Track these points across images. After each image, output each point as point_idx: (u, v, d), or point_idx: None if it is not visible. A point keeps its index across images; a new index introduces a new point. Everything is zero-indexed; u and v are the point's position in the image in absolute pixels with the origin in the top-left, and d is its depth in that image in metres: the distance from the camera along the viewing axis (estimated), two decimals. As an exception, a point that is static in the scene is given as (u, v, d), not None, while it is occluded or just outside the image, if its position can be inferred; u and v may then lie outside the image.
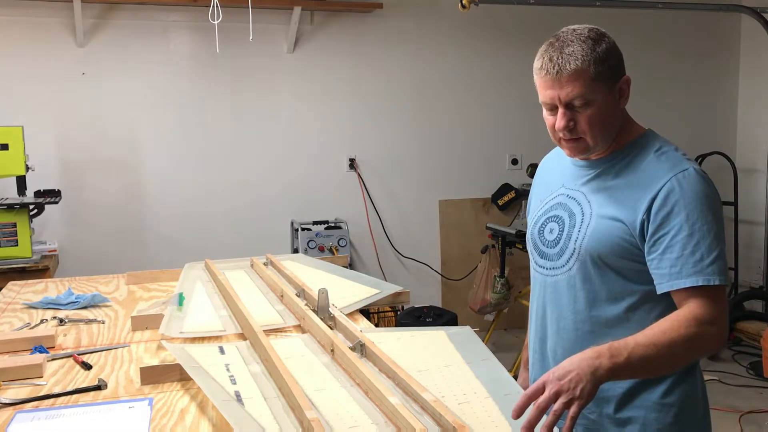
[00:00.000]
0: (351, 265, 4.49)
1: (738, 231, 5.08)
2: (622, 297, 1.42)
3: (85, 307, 2.16)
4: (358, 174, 4.71)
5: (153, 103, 4.31)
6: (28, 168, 3.52)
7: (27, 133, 3.55)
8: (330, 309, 1.81)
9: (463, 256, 4.93)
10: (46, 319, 2.04)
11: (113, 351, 1.76)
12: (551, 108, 1.41)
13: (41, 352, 1.71)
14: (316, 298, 1.82)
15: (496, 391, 1.36)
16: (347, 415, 1.27)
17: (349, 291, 2.14)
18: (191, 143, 4.41)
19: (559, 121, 1.40)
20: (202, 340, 1.77)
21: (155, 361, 1.66)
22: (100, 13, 4.17)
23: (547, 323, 1.54)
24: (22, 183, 3.57)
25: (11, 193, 3.68)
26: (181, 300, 2.03)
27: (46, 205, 3.62)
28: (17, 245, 3.46)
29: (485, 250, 4.44)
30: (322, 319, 1.78)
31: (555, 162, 1.63)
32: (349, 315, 1.88)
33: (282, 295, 2.08)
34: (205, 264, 2.53)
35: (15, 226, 3.46)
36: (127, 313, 2.08)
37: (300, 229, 4.38)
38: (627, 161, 1.44)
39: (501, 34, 4.88)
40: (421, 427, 1.14)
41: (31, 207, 3.53)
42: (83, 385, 1.53)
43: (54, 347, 1.78)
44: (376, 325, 3.52)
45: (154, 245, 4.37)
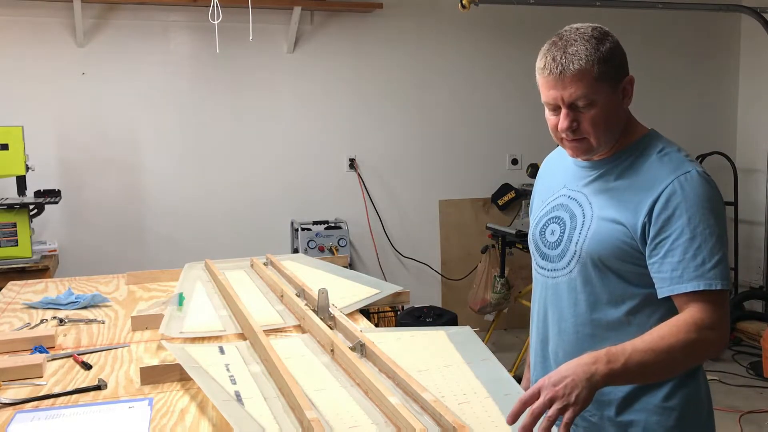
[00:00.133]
0: (351, 265, 4.48)
1: (738, 231, 5.08)
2: (623, 300, 1.41)
3: (85, 307, 2.16)
4: (358, 174, 4.71)
5: (153, 103, 4.31)
6: (28, 168, 3.52)
7: (27, 133, 3.55)
8: (330, 309, 1.81)
9: (463, 256, 4.93)
10: (46, 319, 2.04)
11: (113, 351, 1.76)
12: (554, 108, 1.39)
13: (41, 352, 1.71)
14: (316, 298, 1.82)
15: (496, 391, 1.36)
16: (347, 415, 1.27)
17: (349, 291, 2.14)
18: (191, 143, 4.41)
19: (562, 121, 1.38)
20: (202, 340, 1.77)
21: (155, 361, 1.66)
22: (100, 13, 4.17)
23: (548, 325, 1.53)
24: (22, 183, 3.57)
25: (11, 193, 3.68)
26: (181, 300, 2.03)
27: (46, 205, 3.62)
28: (17, 245, 3.47)
29: (485, 250, 4.44)
30: (322, 319, 1.78)
31: (557, 162, 1.60)
32: (349, 315, 1.88)
33: (282, 295, 2.08)
34: (205, 264, 2.53)
35: (15, 226, 3.46)
36: (127, 313, 2.08)
37: (300, 229, 4.38)
38: (629, 162, 1.42)
39: (501, 34, 4.88)
40: (421, 427, 1.14)
41: (31, 207, 3.53)
42: (83, 385, 1.53)
43: (54, 347, 1.78)
44: (376, 325, 3.52)
45: (154, 245, 4.37)
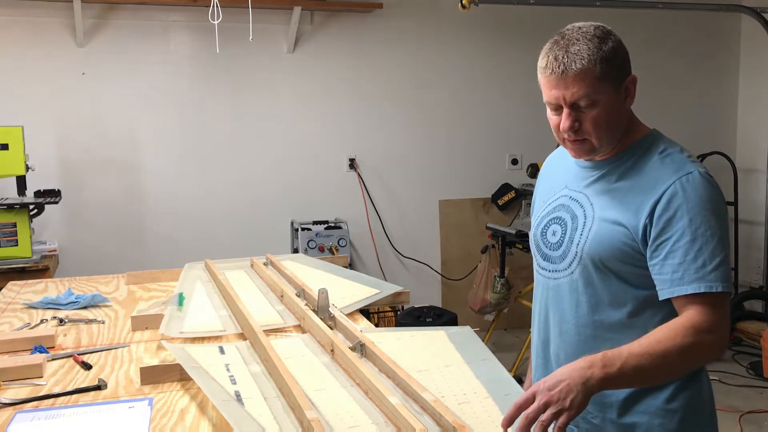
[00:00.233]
0: (351, 265, 4.48)
1: (738, 231, 5.08)
2: (625, 302, 1.39)
3: (85, 307, 2.16)
4: (358, 174, 4.71)
5: (153, 103, 4.31)
6: (28, 168, 3.52)
7: (27, 133, 3.54)
8: (330, 309, 1.81)
9: (463, 256, 4.92)
10: (46, 319, 2.04)
11: (113, 351, 1.76)
12: (556, 108, 1.37)
13: (41, 352, 1.71)
14: (316, 298, 1.82)
15: (496, 391, 1.37)
16: (347, 415, 1.27)
17: (349, 291, 2.14)
18: (191, 143, 4.41)
19: (563, 121, 1.36)
20: (202, 340, 1.77)
21: (155, 361, 1.66)
22: (100, 13, 4.17)
23: (549, 327, 1.51)
24: (22, 183, 3.56)
25: (11, 193, 3.68)
26: (181, 300, 2.03)
27: (46, 205, 3.62)
28: (17, 245, 3.46)
29: (485, 250, 4.44)
30: (322, 319, 1.78)
31: (559, 161, 1.59)
32: (349, 315, 1.88)
33: (282, 295, 2.08)
34: (205, 264, 2.53)
35: (15, 226, 3.46)
36: (127, 313, 2.08)
37: (300, 229, 4.38)
38: (631, 163, 1.41)
39: (501, 34, 4.88)
40: (421, 427, 1.14)
41: (31, 207, 3.53)
42: (83, 385, 1.53)
43: (54, 347, 1.79)
44: (376, 325, 3.52)
45: (154, 245, 4.36)
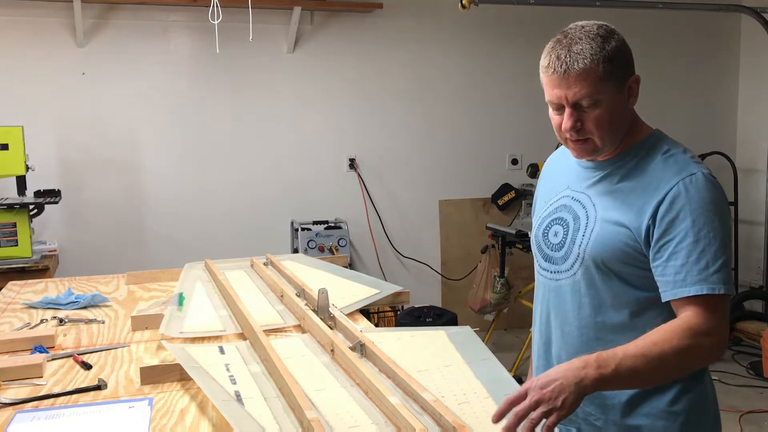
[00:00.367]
0: (351, 265, 4.48)
1: (738, 231, 5.08)
2: (627, 303, 1.38)
3: (85, 307, 2.16)
4: (358, 174, 4.71)
5: (153, 103, 4.31)
6: (28, 168, 3.52)
7: (27, 133, 3.54)
8: (330, 309, 1.81)
9: (463, 256, 4.92)
10: (46, 319, 2.04)
11: (113, 351, 1.76)
12: (558, 107, 1.37)
13: (41, 352, 1.71)
14: (316, 298, 1.82)
15: (496, 391, 1.36)
16: (347, 415, 1.27)
17: (349, 291, 2.14)
18: (191, 143, 4.41)
19: (565, 121, 1.35)
20: (202, 340, 1.77)
21: (155, 361, 1.66)
22: (100, 13, 4.17)
23: (551, 328, 1.51)
24: (22, 183, 3.57)
25: (11, 193, 3.68)
26: (181, 300, 2.03)
27: (46, 205, 3.62)
28: (17, 245, 3.46)
29: (485, 250, 4.44)
30: (322, 319, 1.78)
31: (560, 161, 1.58)
32: (349, 315, 1.88)
33: (282, 295, 2.08)
34: (205, 264, 2.53)
35: (15, 226, 3.46)
36: (127, 313, 2.08)
37: (300, 229, 4.38)
38: (634, 163, 1.40)
39: (501, 34, 4.88)
40: (421, 427, 1.14)
41: (31, 207, 3.53)
42: (83, 385, 1.53)
43: (54, 347, 1.78)
44: (376, 325, 3.52)
45: (154, 245, 4.36)
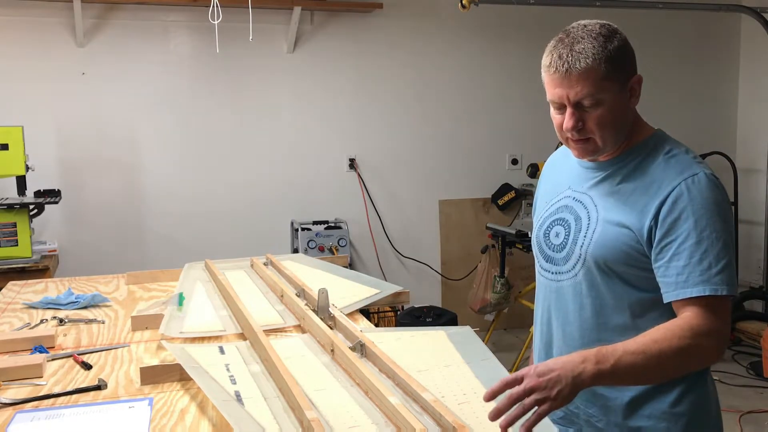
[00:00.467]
0: (351, 265, 4.48)
1: (738, 231, 5.08)
2: (630, 304, 1.38)
3: (85, 307, 2.16)
4: (358, 174, 4.71)
5: (153, 103, 4.31)
6: (28, 168, 3.52)
7: (27, 133, 3.54)
8: (330, 309, 1.81)
9: (463, 256, 4.92)
10: (46, 319, 2.04)
11: (113, 351, 1.76)
12: (559, 107, 1.36)
13: (41, 352, 1.71)
14: (316, 298, 1.82)
15: (496, 391, 1.36)
16: (347, 415, 1.27)
17: (349, 291, 2.14)
18: (191, 143, 4.41)
19: (567, 121, 1.35)
20: (202, 340, 1.77)
21: (155, 361, 1.66)
22: (100, 13, 4.17)
23: (552, 329, 1.50)
24: (22, 183, 3.57)
25: (11, 193, 3.68)
26: (181, 300, 2.03)
27: (46, 205, 3.62)
28: (17, 245, 3.46)
29: (485, 250, 4.44)
30: (322, 319, 1.78)
31: (561, 161, 1.57)
32: (349, 315, 1.88)
33: (282, 295, 2.08)
34: (205, 264, 2.53)
35: (15, 226, 3.46)
36: (127, 313, 2.08)
37: (300, 229, 4.38)
38: (636, 164, 1.39)
39: (501, 34, 4.88)
40: (421, 427, 1.14)
41: (31, 207, 3.53)
42: (83, 385, 1.53)
43: (54, 347, 1.78)
44: (376, 325, 3.52)
45: (154, 245, 4.36)
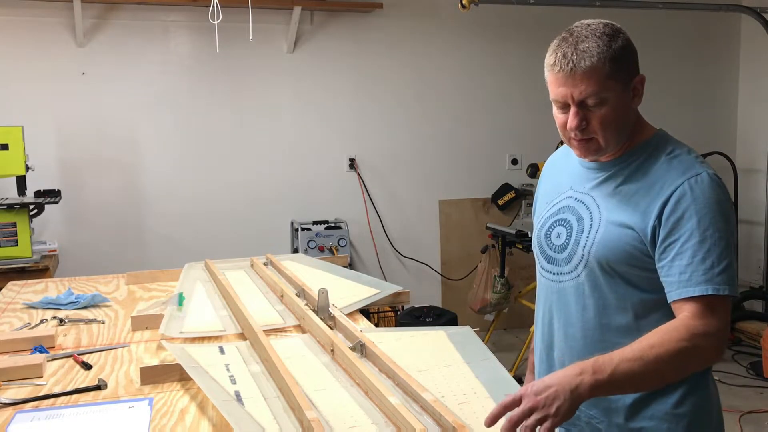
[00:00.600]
0: (351, 265, 4.48)
1: (738, 231, 5.08)
2: (632, 305, 1.37)
3: (85, 307, 2.17)
4: (358, 174, 4.71)
5: (153, 103, 4.31)
6: (28, 168, 3.52)
7: (27, 133, 3.54)
8: (330, 309, 1.81)
9: (463, 256, 4.92)
10: (46, 319, 2.04)
11: (113, 351, 1.76)
12: (563, 106, 1.35)
13: (41, 352, 1.71)
14: (316, 298, 1.82)
15: (496, 391, 1.37)
16: (347, 415, 1.27)
17: (349, 291, 2.14)
18: (191, 143, 4.41)
19: (571, 120, 1.34)
20: (202, 340, 1.77)
21: (155, 361, 1.66)
22: (100, 13, 4.17)
23: (554, 330, 1.49)
24: (22, 183, 3.57)
25: (11, 193, 3.68)
26: (181, 300, 2.03)
27: (46, 205, 3.62)
28: (17, 245, 3.46)
29: (485, 250, 4.44)
30: (322, 319, 1.78)
31: (562, 162, 1.57)
32: (349, 315, 1.88)
33: (282, 295, 2.08)
34: (205, 264, 2.53)
35: (15, 226, 3.46)
36: (127, 313, 2.08)
37: (300, 229, 4.38)
38: (638, 164, 1.39)
39: (501, 33, 4.88)
40: (421, 427, 1.14)
41: (31, 207, 3.53)
42: (83, 385, 1.53)
43: (54, 347, 1.79)
44: (376, 325, 3.52)
45: (154, 245, 4.36)
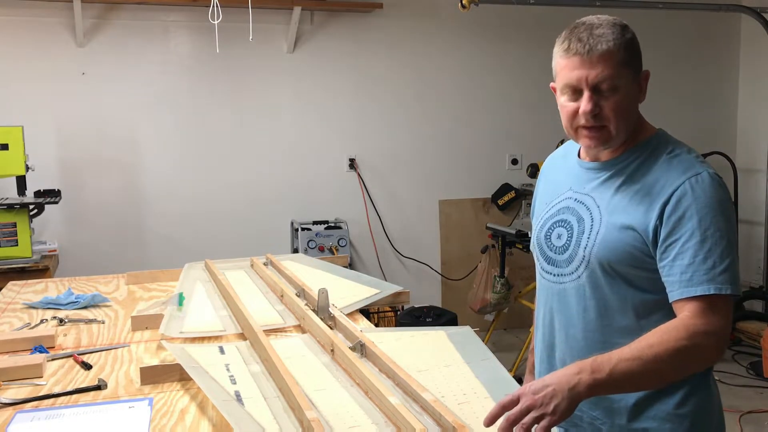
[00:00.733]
0: (351, 265, 4.48)
1: (738, 231, 5.07)
2: (634, 306, 1.36)
3: (85, 307, 2.17)
4: (358, 174, 4.71)
5: (153, 103, 4.31)
6: (28, 168, 3.52)
7: (27, 133, 3.54)
8: (330, 309, 1.81)
9: (463, 256, 4.92)
10: (46, 319, 2.04)
11: (113, 351, 1.76)
12: (574, 92, 1.33)
13: (41, 352, 1.71)
14: (316, 298, 1.82)
15: (496, 391, 1.36)
16: (347, 415, 1.27)
17: (349, 291, 2.14)
18: (191, 143, 4.41)
19: (585, 104, 1.32)
20: (202, 340, 1.77)
21: (155, 361, 1.66)
22: (100, 13, 4.17)
23: (554, 332, 1.48)
24: (22, 183, 3.57)
25: (11, 193, 3.68)
26: (181, 300, 2.03)
27: (46, 205, 3.62)
28: (17, 245, 3.46)
29: (485, 250, 4.44)
30: (322, 319, 1.78)
31: (561, 162, 1.56)
32: (349, 315, 1.88)
33: (282, 295, 2.08)
34: (205, 264, 2.53)
35: (15, 226, 3.46)
36: (127, 313, 2.08)
37: (300, 229, 4.38)
38: (638, 164, 1.38)
39: (501, 34, 4.88)
40: (421, 427, 1.14)
41: (31, 207, 3.53)
42: (83, 385, 1.53)
43: (54, 347, 1.79)
44: (376, 325, 3.52)
45: (154, 245, 4.36)
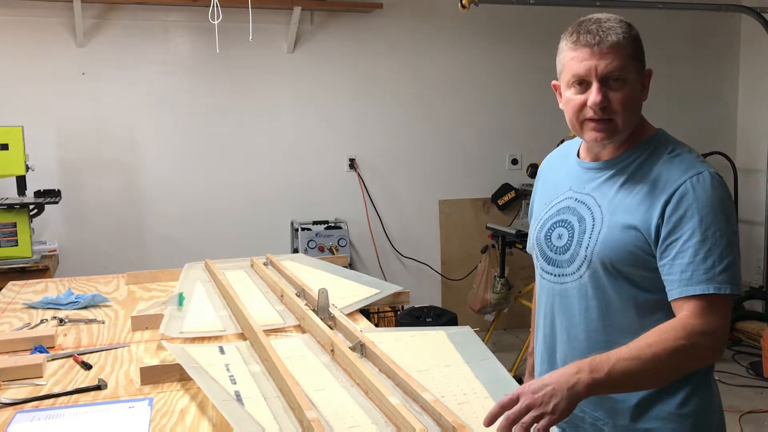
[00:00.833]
0: (351, 265, 4.48)
1: (738, 231, 5.07)
2: (635, 306, 1.36)
3: (85, 307, 2.16)
4: (358, 174, 4.71)
5: (153, 103, 4.31)
6: (28, 168, 3.52)
7: (27, 133, 3.54)
8: (330, 309, 1.81)
9: (463, 256, 4.92)
10: (46, 319, 2.04)
11: (113, 351, 1.76)
12: (581, 84, 1.34)
13: (41, 352, 1.71)
14: (316, 298, 1.82)
15: (496, 391, 1.36)
16: (347, 415, 1.27)
17: (349, 291, 2.14)
18: (191, 143, 4.41)
19: (594, 96, 1.32)
20: (202, 340, 1.77)
21: (155, 361, 1.66)
22: (100, 13, 4.17)
23: (556, 332, 1.48)
24: (22, 183, 3.57)
25: (11, 193, 3.68)
26: (181, 300, 2.03)
27: (46, 205, 3.62)
28: (17, 245, 3.46)
29: (485, 250, 4.44)
30: (322, 319, 1.78)
31: (559, 162, 1.56)
32: (349, 315, 1.88)
33: (282, 295, 2.08)
34: (205, 264, 2.53)
35: (15, 226, 3.46)
36: (127, 313, 2.08)
37: (300, 229, 4.38)
38: (639, 163, 1.38)
39: (501, 34, 4.88)
40: (421, 427, 1.14)
41: (31, 207, 3.53)
42: (83, 385, 1.53)
43: (54, 347, 1.79)
44: (376, 325, 3.52)
45: (154, 245, 4.36)
